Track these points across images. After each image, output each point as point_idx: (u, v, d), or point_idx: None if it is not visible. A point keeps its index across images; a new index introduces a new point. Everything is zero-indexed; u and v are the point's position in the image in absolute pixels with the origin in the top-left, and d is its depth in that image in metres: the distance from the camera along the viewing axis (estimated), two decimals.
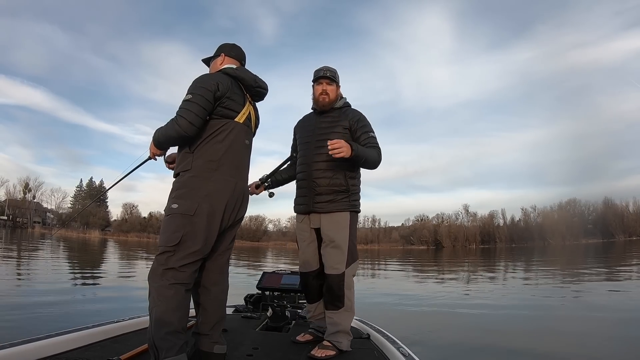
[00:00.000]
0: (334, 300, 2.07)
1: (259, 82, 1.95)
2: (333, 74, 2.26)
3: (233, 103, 1.81)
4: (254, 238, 72.50)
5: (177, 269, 1.61)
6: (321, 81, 2.26)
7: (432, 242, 68.58)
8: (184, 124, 1.67)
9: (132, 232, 68.30)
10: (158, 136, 1.80)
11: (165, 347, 1.51)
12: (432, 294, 8.71)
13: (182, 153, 1.79)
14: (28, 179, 69.59)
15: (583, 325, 5.12)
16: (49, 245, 23.96)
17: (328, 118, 2.24)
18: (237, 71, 1.89)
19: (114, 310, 5.15)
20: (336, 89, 2.28)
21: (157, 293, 1.58)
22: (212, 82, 1.75)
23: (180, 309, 1.59)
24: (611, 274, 12.32)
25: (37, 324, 4.09)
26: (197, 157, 1.73)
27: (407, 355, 1.89)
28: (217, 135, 1.76)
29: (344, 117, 2.22)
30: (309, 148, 2.23)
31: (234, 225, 1.86)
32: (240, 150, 1.83)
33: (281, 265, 16.92)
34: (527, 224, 68.14)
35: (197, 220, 1.65)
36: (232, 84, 1.83)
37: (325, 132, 2.19)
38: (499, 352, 4.04)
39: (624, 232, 58.76)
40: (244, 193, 1.86)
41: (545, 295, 8.20)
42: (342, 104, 2.31)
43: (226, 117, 1.79)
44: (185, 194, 1.69)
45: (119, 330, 2.19)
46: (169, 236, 1.64)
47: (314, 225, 2.17)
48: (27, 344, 1.69)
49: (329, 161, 2.11)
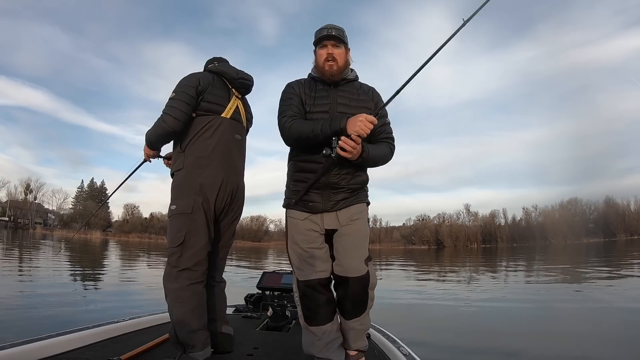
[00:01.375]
0: (358, 306, 1.67)
1: (241, 74, 1.95)
2: (340, 32, 1.77)
3: (217, 98, 1.84)
4: (255, 238, 72.50)
5: (190, 269, 1.68)
6: (325, 43, 1.76)
7: (433, 241, 68.50)
8: (170, 120, 1.74)
9: (133, 233, 68.38)
10: (149, 136, 1.87)
11: (190, 344, 1.64)
12: (433, 294, 8.71)
13: (175, 153, 1.85)
14: (29, 180, 69.77)
15: (584, 326, 5.11)
16: (51, 246, 24.00)
17: (347, 93, 1.79)
18: (218, 67, 1.92)
19: (114, 310, 5.15)
20: (345, 52, 1.79)
21: (174, 295, 1.67)
22: (194, 78, 1.81)
23: (198, 308, 1.69)
24: (612, 274, 12.29)
25: (38, 324, 4.10)
26: (188, 155, 1.78)
27: (407, 355, 1.89)
28: (205, 132, 1.79)
29: (364, 95, 1.82)
30: None
31: (231, 221, 1.89)
32: (229, 145, 1.85)
33: (282, 265, 16.92)
34: (529, 224, 67.99)
35: (196, 217, 1.71)
36: (214, 80, 1.86)
37: (346, 106, 1.76)
38: (500, 352, 4.03)
39: (626, 231, 58.58)
40: (237, 186, 1.87)
41: (547, 295, 8.19)
42: (355, 76, 1.87)
43: (212, 112, 1.82)
44: (180, 194, 1.75)
45: (120, 330, 2.20)
46: (174, 236, 1.71)
47: (328, 226, 1.73)
48: (28, 344, 1.70)
49: None
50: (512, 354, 3.94)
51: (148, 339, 2.00)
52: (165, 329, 2.27)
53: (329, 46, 1.76)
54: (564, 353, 3.91)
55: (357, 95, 1.80)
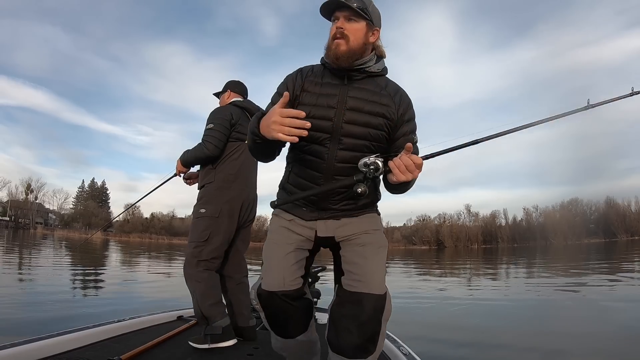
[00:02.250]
0: (366, 340, 1.21)
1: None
2: (359, 3, 1.25)
3: (243, 128, 2.26)
4: (256, 238, 71.59)
5: (208, 261, 2.13)
6: (337, 14, 1.27)
7: (434, 242, 68.47)
8: (211, 148, 2.17)
9: (134, 233, 68.41)
10: (187, 157, 2.29)
11: (213, 315, 2.05)
12: (434, 293, 8.70)
13: (206, 169, 2.27)
14: (30, 179, 70.06)
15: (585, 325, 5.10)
16: (52, 247, 24.02)
17: (363, 92, 1.29)
18: (244, 103, 2.40)
19: (114, 310, 5.16)
20: (365, 30, 1.27)
21: (195, 278, 2.10)
22: (227, 112, 2.26)
23: (215, 286, 2.15)
24: (614, 273, 12.27)
25: (38, 324, 4.10)
26: (219, 171, 2.22)
27: (407, 354, 1.89)
28: (233, 154, 2.25)
29: (387, 99, 1.31)
30: (332, 130, 1.28)
31: (249, 223, 2.36)
32: (250, 166, 2.33)
33: None
34: (529, 224, 67.95)
35: (220, 221, 2.16)
36: (241, 113, 2.32)
37: (359, 111, 1.27)
38: (502, 351, 4.03)
39: (626, 231, 58.50)
40: (255, 198, 2.38)
41: (548, 295, 8.18)
42: (381, 68, 1.34)
43: (239, 140, 2.27)
44: (210, 201, 2.19)
45: (120, 330, 2.20)
46: (200, 234, 2.14)
47: (322, 234, 1.36)
48: (28, 344, 1.70)
49: (352, 165, 1.24)
50: (515, 354, 3.94)
51: (148, 339, 2.01)
52: (164, 328, 2.30)
53: (340, 18, 1.26)
54: (564, 353, 3.90)
55: (378, 97, 1.29)
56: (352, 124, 1.27)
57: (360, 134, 1.27)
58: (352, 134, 1.27)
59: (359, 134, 1.27)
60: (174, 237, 67.07)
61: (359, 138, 1.27)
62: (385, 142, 1.31)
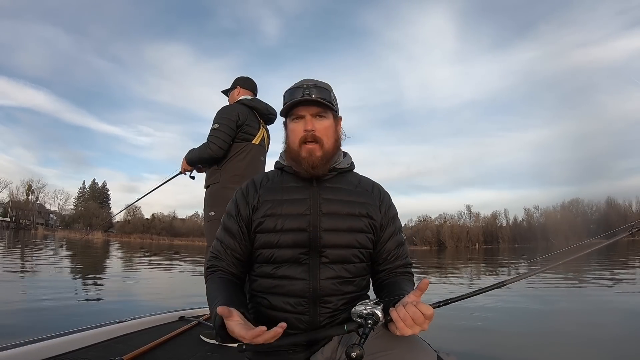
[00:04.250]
0: None
1: (270, 110, 2.37)
2: (325, 93, 1.08)
3: (250, 129, 2.26)
4: None
5: None
6: (301, 113, 1.07)
7: (434, 242, 68.49)
8: (215, 148, 2.15)
9: (134, 234, 68.49)
10: (191, 156, 2.27)
11: None
12: (434, 293, 8.69)
13: (212, 169, 2.26)
14: (31, 180, 70.10)
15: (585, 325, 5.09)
16: (53, 247, 24.04)
17: (336, 189, 1.11)
18: (252, 102, 2.33)
19: (116, 310, 5.16)
20: (334, 124, 1.12)
21: None
22: (234, 112, 2.22)
23: None
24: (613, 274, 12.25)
25: (40, 325, 4.11)
26: (224, 172, 2.20)
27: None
28: (238, 155, 2.22)
29: (362, 192, 1.14)
30: (309, 242, 1.05)
31: None
32: (257, 166, 2.29)
33: None
34: (530, 224, 68.01)
35: None
36: (249, 113, 2.27)
37: (337, 214, 1.07)
38: (502, 352, 4.02)
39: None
40: None
41: (549, 294, 8.17)
42: (349, 162, 1.18)
43: (245, 140, 2.25)
44: (217, 202, 2.14)
45: (122, 330, 2.20)
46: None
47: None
48: (30, 345, 1.70)
49: (342, 279, 1.06)
50: (515, 354, 3.93)
51: (150, 339, 2.01)
52: (166, 329, 2.30)
53: (307, 117, 1.07)
54: (564, 353, 3.90)
55: (356, 196, 1.11)
56: (333, 231, 1.05)
57: (345, 242, 1.06)
58: (334, 244, 1.05)
59: (344, 243, 1.06)
60: (174, 238, 67.20)
61: (344, 247, 1.06)
62: (373, 246, 1.11)
